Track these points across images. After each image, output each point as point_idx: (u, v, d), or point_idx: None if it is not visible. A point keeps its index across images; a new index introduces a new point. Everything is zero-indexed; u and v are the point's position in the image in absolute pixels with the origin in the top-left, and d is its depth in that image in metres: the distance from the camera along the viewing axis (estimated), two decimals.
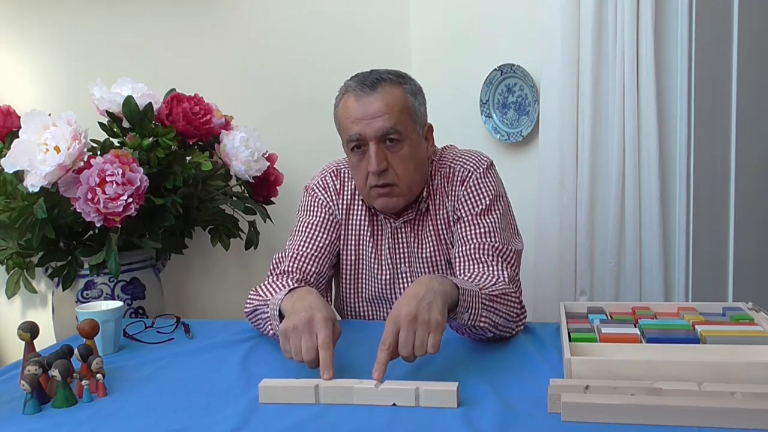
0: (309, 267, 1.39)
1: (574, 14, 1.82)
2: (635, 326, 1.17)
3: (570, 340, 1.09)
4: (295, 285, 1.24)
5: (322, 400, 0.99)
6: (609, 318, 1.27)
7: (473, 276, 1.28)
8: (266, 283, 1.34)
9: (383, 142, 1.33)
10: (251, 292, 1.33)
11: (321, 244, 1.43)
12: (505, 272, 1.28)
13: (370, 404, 0.96)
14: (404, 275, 1.45)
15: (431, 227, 1.43)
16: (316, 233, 1.44)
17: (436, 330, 1.00)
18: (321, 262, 1.42)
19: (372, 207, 1.44)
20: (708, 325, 1.16)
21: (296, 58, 2.16)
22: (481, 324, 1.15)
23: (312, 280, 1.39)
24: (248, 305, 1.32)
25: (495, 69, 2.10)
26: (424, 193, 1.42)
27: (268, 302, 1.22)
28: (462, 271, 1.32)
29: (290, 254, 1.41)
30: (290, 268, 1.38)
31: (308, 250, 1.41)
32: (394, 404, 0.96)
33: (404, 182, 1.36)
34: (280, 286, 1.28)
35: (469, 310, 1.11)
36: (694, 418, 0.85)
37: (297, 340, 1.03)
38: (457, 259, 1.35)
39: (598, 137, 1.84)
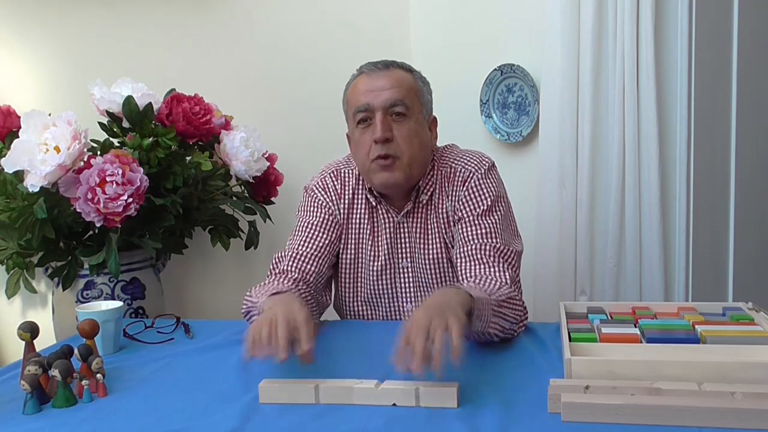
0: (308, 266, 1.40)
1: (574, 14, 1.82)
2: (635, 326, 1.17)
3: (570, 340, 1.09)
4: (283, 288, 1.24)
5: (321, 400, 0.98)
6: (609, 318, 1.27)
7: (478, 279, 1.28)
8: (262, 284, 1.34)
9: (390, 115, 1.36)
10: (247, 294, 1.34)
11: (320, 244, 1.43)
12: (506, 274, 1.29)
13: (370, 404, 0.96)
14: (405, 270, 1.45)
15: (433, 223, 1.43)
16: (316, 233, 1.44)
17: (457, 324, 0.97)
18: (320, 261, 1.42)
19: (372, 196, 1.44)
20: (708, 325, 1.16)
21: (296, 58, 2.17)
22: (490, 330, 1.15)
23: (311, 279, 1.39)
24: (243, 306, 1.33)
25: (495, 69, 2.10)
26: (423, 184, 1.42)
27: (257, 305, 1.23)
28: (464, 271, 1.32)
29: (290, 254, 1.41)
30: (290, 268, 1.38)
31: (308, 250, 1.42)
32: (394, 404, 0.96)
33: (406, 156, 1.36)
34: (271, 289, 1.28)
35: (481, 318, 1.12)
36: (694, 418, 0.85)
37: (265, 332, 1.02)
38: (459, 259, 1.35)
39: (598, 137, 1.84)
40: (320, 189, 1.49)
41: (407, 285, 1.46)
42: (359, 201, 1.47)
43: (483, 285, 1.24)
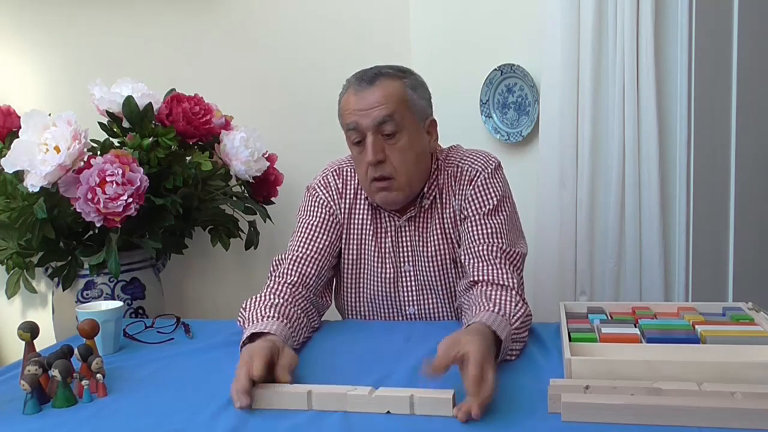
0: (308, 269, 1.39)
1: (574, 14, 1.82)
2: (635, 326, 1.17)
3: (570, 340, 1.09)
4: (265, 325, 1.17)
5: (314, 407, 0.97)
6: (609, 318, 1.27)
7: (490, 294, 1.24)
8: (257, 296, 1.32)
9: (380, 134, 1.34)
10: (242, 307, 1.30)
11: (321, 246, 1.43)
12: (513, 278, 1.28)
13: (363, 412, 0.95)
14: (408, 274, 1.45)
15: (437, 226, 1.43)
16: (316, 234, 1.44)
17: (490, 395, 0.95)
18: (320, 264, 1.41)
19: (374, 203, 1.43)
20: (708, 325, 1.16)
21: (296, 59, 2.17)
22: (507, 358, 1.15)
23: (311, 282, 1.39)
24: (239, 320, 1.30)
25: (495, 69, 2.10)
26: (426, 189, 1.42)
27: (244, 329, 1.21)
28: (472, 270, 1.31)
29: (290, 256, 1.40)
30: (289, 271, 1.38)
31: (308, 252, 1.41)
32: (388, 412, 0.95)
33: (402, 175, 1.35)
34: (260, 314, 1.23)
35: (503, 353, 1.11)
36: (694, 418, 0.85)
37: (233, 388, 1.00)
38: (466, 257, 1.35)
39: (598, 137, 1.84)
40: (321, 187, 1.48)
41: (410, 288, 1.46)
42: (361, 200, 1.46)
43: (502, 308, 1.19)
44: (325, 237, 1.44)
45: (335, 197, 1.47)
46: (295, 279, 1.37)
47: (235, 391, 0.98)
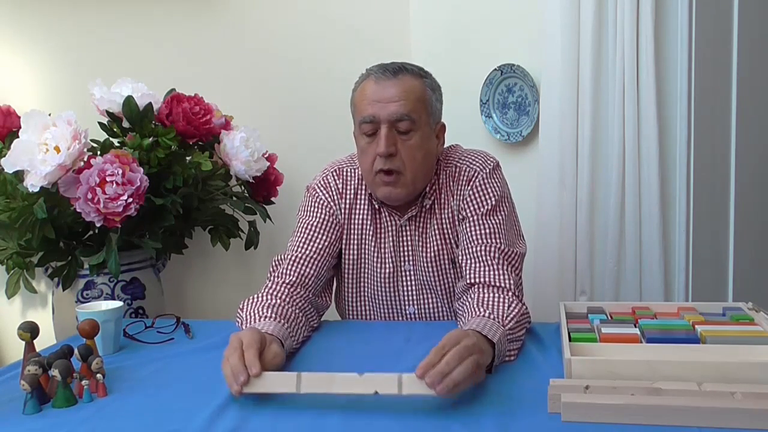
0: (307, 270, 1.39)
1: (574, 14, 1.82)
2: (635, 326, 1.17)
3: (570, 340, 1.09)
4: (262, 326, 1.18)
5: (303, 390, 0.97)
6: (609, 318, 1.27)
7: (485, 295, 1.25)
8: (255, 296, 1.32)
9: (395, 128, 1.34)
10: (239, 308, 1.31)
11: (320, 246, 1.42)
12: (510, 279, 1.28)
13: (351, 392, 0.95)
14: (408, 273, 1.45)
15: (436, 226, 1.43)
16: (316, 235, 1.44)
17: (474, 376, 0.96)
18: (320, 264, 1.41)
19: (375, 199, 1.43)
20: (708, 325, 1.16)
21: (296, 59, 2.17)
22: (506, 359, 1.15)
23: (310, 283, 1.38)
24: (237, 320, 1.30)
25: (495, 69, 2.10)
26: (428, 190, 1.42)
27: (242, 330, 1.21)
28: (468, 272, 1.32)
29: (289, 256, 1.40)
30: (288, 271, 1.38)
31: (306, 252, 1.41)
32: (376, 392, 0.94)
33: (409, 171, 1.35)
34: (258, 315, 1.24)
35: (500, 357, 1.11)
36: (694, 418, 0.85)
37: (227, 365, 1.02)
38: (464, 258, 1.35)
39: (598, 137, 1.84)
40: (321, 187, 1.48)
41: (410, 287, 1.46)
42: (362, 200, 1.46)
43: (494, 310, 1.19)
44: (324, 237, 1.44)
45: (335, 197, 1.47)
46: (294, 279, 1.37)
47: (232, 374, 0.98)
